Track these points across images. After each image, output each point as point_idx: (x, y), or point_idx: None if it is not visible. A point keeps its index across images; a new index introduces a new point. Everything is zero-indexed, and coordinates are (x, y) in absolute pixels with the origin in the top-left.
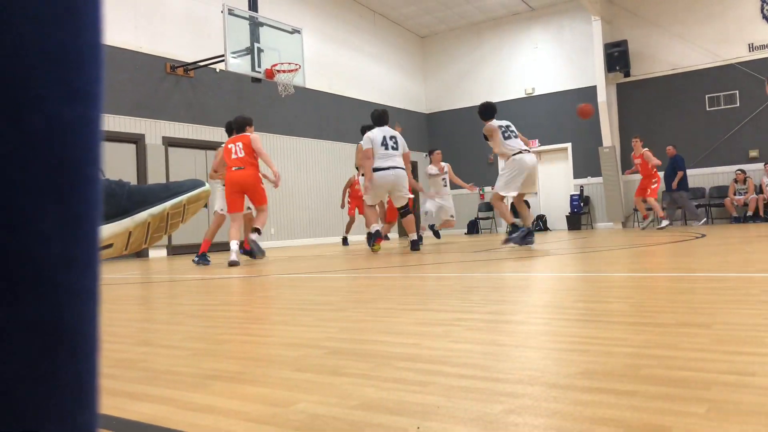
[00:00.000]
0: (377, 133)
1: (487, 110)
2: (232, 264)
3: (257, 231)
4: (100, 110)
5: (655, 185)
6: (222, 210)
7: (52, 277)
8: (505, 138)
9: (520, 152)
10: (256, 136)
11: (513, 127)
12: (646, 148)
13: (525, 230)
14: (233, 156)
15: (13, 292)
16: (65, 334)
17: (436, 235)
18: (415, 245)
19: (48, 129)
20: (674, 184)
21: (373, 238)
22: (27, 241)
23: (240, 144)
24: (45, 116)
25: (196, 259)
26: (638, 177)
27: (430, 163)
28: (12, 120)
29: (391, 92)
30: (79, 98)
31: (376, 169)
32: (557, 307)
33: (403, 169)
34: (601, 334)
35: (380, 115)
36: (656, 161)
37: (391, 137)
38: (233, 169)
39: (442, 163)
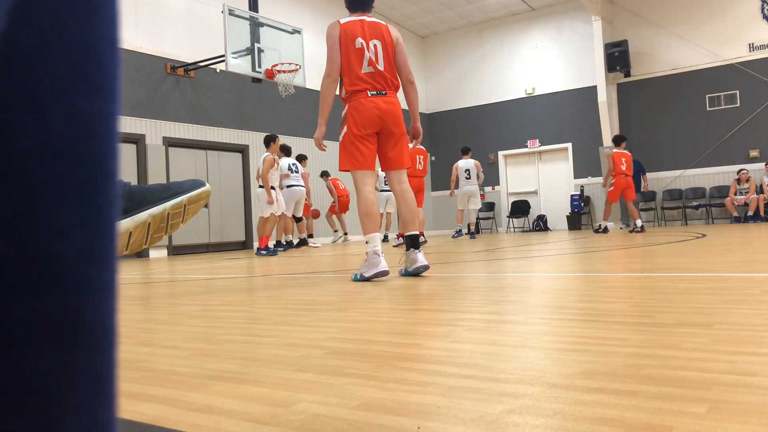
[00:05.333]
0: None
1: None
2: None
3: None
4: (118, 105)
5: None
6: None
7: (71, 271)
8: None
9: None
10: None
11: None
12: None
13: None
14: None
15: (33, 287)
16: (84, 329)
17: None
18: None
19: (68, 123)
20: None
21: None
22: (47, 236)
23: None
24: (65, 110)
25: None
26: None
27: None
28: (33, 115)
29: None
30: (98, 93)
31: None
32: (557, 307)
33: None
34: (601, 334)
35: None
36: None
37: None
38: None
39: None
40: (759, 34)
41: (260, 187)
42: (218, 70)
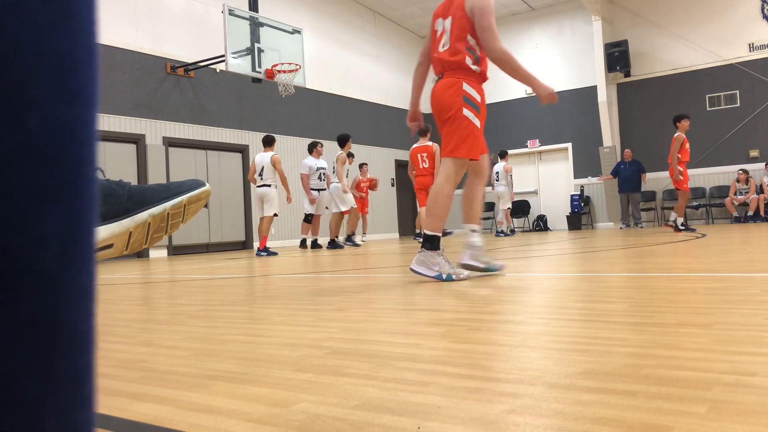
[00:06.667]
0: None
1: None
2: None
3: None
4: (95, 111)
5: None
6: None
7: (49, 275)
8: None
9: None
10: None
11: None
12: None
13: None
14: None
15: (11, 290)
16: (62, 332)
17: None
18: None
19: (45, 130)
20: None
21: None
22: (25, 241)
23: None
24: (42, 117)
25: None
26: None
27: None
28: (10, 122)
29: (391, 92)
30: (75, 99)
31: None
32: (557, 307)
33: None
34: (601, 334)
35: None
36: None
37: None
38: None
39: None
40: (759, 34)
41: (266, 186)
42: (218, 70)
